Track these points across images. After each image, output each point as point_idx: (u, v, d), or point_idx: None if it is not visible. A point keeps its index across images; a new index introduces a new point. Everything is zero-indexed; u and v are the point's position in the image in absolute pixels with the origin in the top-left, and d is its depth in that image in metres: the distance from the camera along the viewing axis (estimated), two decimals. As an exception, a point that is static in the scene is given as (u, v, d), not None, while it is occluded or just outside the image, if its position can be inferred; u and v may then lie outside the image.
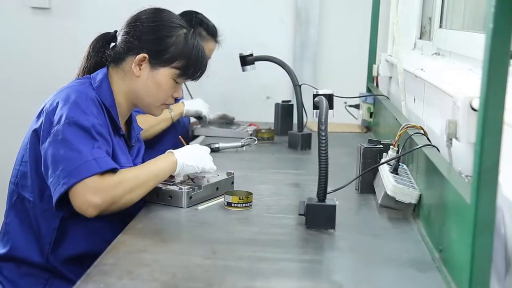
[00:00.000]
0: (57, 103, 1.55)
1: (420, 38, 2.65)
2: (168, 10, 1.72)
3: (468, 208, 1.03)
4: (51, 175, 1.48)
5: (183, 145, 1.71)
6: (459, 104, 1.27)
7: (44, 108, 1.57)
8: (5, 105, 3.39)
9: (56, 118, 1.52)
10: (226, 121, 2.80)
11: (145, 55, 1.64)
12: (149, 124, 2.36)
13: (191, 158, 1.63)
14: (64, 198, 1.48)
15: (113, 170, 1.50)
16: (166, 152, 1.65)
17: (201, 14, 2.77)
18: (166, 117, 2.53)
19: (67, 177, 1.45)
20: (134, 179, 1.52)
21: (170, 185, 1.65)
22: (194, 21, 2.68)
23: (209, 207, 1.64)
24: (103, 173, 1.47)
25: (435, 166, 1.41)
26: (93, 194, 1.45)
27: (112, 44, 1.70)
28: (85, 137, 1.49)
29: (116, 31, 1.72)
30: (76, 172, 1.45)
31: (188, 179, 1.71)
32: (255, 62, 2.68)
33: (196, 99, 2.73)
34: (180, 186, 1.62)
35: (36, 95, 2.29)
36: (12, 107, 3.36)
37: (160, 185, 1.63)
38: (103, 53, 1.69)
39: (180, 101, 2.62)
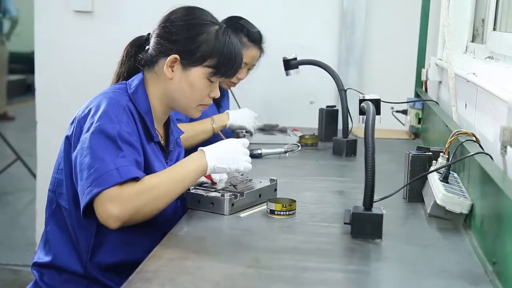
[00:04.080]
0: (89, 110, 1.54)
1: (472, 41, 2.56)
2: (199, 8, 1.67)
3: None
4: (79, 183, 1.47)
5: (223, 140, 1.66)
6: (515, 110, 1.22)
7: (77, 115, 1.56)
8: (47, 109, 3.40)
9: (86, 125, 1.51)
10: (269, 128, 2.74)
11: (176, 56, 1.60)
12: (188, 135, 2.20)
13: (223, 159, 1.57)
14: (92, 207, 1.45)
15: (135, 179, 1.46)
16: (198, 150, 1.59)
17: (244, 19, 2.63)
18: (207, 129, 2.40)
19: (90, 187, 1.43)
20: (157, 187, 1.47)
21: (212, 191, 1.63)
22: (235, 26, 2.54)
23: (251, 215, 1.61)
24: (124, 182, 1.43)
25: (489, 175, 1.36)
26: (112, 205, 1.41)
27: (147, 47, 1.66)
28: (110, 146, 1.46)
29: (149, 34, 1.68)
30: (99, 182, 1.42)
31: (230, 185, 1.69)
32: (299, 66, 2.65)
33: (243, 110, 2.59)
34: (223, 193, 1.60)
35: (78, 100, 2.28)
36: (54, 112, 3.36)
37: (202, 192, 1.62)
38: (137, 57, 1.66)
39: (225, 112, 2.53)
